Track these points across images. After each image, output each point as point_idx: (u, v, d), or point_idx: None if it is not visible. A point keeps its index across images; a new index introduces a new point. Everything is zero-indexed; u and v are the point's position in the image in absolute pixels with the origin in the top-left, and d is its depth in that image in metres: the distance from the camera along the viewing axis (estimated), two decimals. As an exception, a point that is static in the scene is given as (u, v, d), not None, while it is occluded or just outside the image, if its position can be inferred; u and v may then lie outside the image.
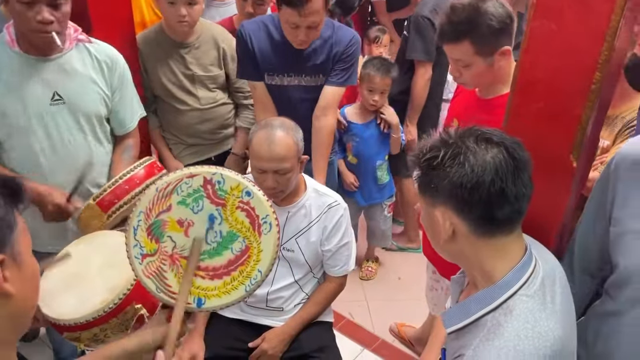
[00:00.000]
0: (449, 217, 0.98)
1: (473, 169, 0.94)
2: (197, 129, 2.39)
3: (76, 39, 1.71)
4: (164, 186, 1.08)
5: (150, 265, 1.10)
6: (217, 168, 1.10)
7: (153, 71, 2.28)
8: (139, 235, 1.09)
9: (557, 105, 1.11)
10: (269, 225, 1.10)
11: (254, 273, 1.11)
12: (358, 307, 2.80)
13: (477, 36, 1.43)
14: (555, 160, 1.13)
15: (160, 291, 1.11)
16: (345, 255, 1.93)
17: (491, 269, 1.00)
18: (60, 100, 1.67)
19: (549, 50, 1.09)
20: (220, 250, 1.10)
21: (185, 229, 1.09)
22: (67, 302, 1.29)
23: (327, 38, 2.15)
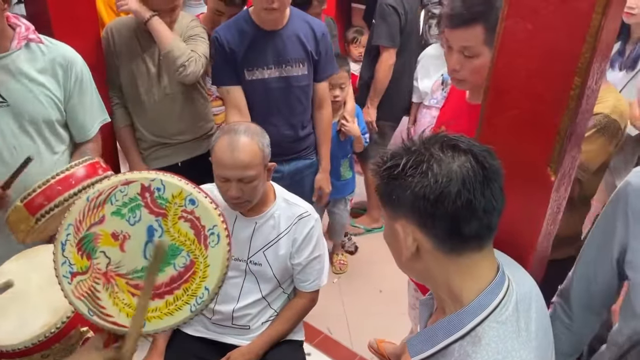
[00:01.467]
0: (412, 232, 0.88)
1: (437, 179, 0.83)
2: (166, 126, 2.28)
3: (26, 37, 1.59)
4: (96, 195, 0.97)
5: (81, 284, 0.99)
6: (156, 173, 0.98)
7: (124, 57, 2.19)
8: (67, 251, 0.98)
9: (534, 112, 1.01)
10: (216, 236, 0.98)
11: (200, 291, 0.99)
12: (337, 322, 2.69)
13: (491, 21, 1.27)
14: (531, 173, 1.04)
15: (93, 314, 1.00)
16: (316, 269, 1.83)
17: (460, 290, 0.90)
18: (4, 102, 1.56)
19: (525, 52, 0.99)
20: (161, 267, 0.99)
21: (120, 242, 0.98)
22: (4, 326, 1.17)
23: (303, 27, 2.17)
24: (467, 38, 1.34)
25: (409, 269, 0.96)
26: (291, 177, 2.33)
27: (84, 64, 1.73)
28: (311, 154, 2.43)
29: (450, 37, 1.37)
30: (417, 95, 3.11)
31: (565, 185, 1.12)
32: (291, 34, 2.16)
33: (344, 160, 2.87)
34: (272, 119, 2.18)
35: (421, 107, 3.12)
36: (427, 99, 3.03)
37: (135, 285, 0.99)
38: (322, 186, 2.47)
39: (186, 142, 2.36)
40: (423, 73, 3.01)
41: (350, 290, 2.94)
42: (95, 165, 1.50)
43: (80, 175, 1.45)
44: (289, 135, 2.27)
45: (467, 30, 1.33)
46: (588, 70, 0.94)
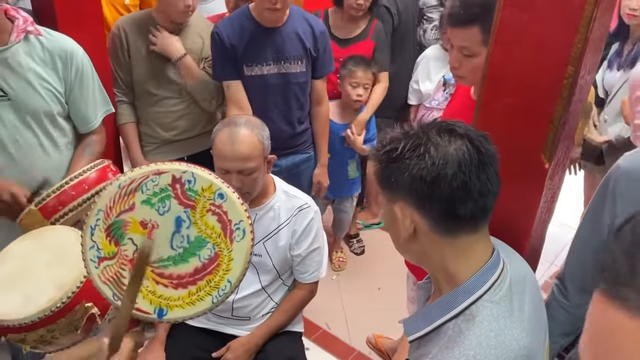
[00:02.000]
0: (410, 214, 0.91)
1: (434, 161, 0.87)
2: (175, 123, 2.30)
3: (24, 30, 1.59)
4: (127, 183, 0.98)
5: (107, 269, 1.00)
6: (188, 165, 1.00)
7: (137, 55, 2.21)
8: (96, 235, 0.99)
9: (528, 101, 1.04)
10: (242, 231, 1.01)
11: (223, 283, 1.02)
12: (335, 317, 2.71)
13: (488, 23, 1.32)
14: (526, 161, 1.06)
15: (117, 299, 1.01)
16: (316, 260, 1.85)
17: (455, 271, 0.93)
18: (5, 96, 1.56)
19: (520, 42, 1.02)
20: (186, 257, 1.01)
21: (148, 231, 1.00)
22: (11, 301, 1.19)
23: (302, 25, 2.20)
24: (465, 38, 1.38)
25: (406, 251, 0.99)
26: (288, 171, 2.35)
27: (85, 55, 1.72)
28: (308, 148, 2.46)
29: (450, 35, 1.42)
30: (417, 97, 3.10)
31: (559, 174, 1.15)
32: (290, 31, 2.19)
33: (352, 160, 2.88)
34: (270, 115, 2.20)
35: (421, 108, 3.13)
36: (427, 100, 3.05)
37: (160, 273, 1.00)
38: (320, 180, 2.50)
39: (192, 137, 2.38)
40: (424, 75, 3.01)
41: (349, 287, 2.96)
42: (105, 170, 1.54)
43: (93, 179, 1.49)
44: (286, 130, 2.30)
45: (465, 31, 1.37)
46: (580, 60, 0.97)
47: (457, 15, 1.35)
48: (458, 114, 1.59)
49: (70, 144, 1.76)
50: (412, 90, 3.09)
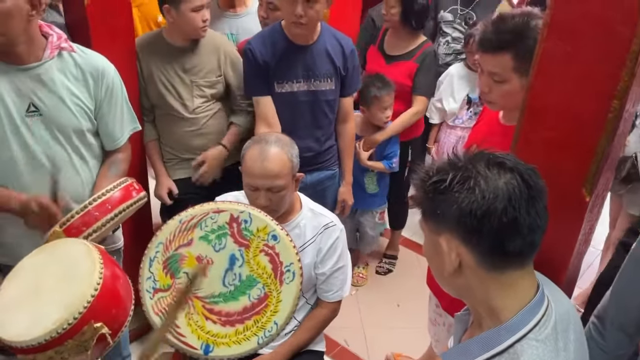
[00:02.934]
0: (456, 247, 0.90)
1: (484, 195, 0.85)
2: (191, 142, 2.33)
3: (58, 47, 1.61)
4: (188, 218, 1.02)
5: (161, 301, 1.03)
6: (245, 206, 1.03)
7: (150, 76, 2.24)
8: (154, 267, 1.02)
9: (570, 134, 1.02)
10: (292, 274, 1.04)
11: (270, 325, 1.04)
12: (354, 334, 2.69)
13: (521, 50, 1.32)
14: (566, 194, 1.05)
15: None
16: (340, 279, 1.84)
17: (499, 307, 0.91)
18: (36, 112, 1.57)
19: (563, 74, 1.01)
20: (236, 295, 1.04)
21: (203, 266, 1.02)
22: (19, 322, 1.17)
23: (332, 43, 2.22)
24: (496, 64, 1.37)
25: (449, 284, 0.97)
26: (313, 188, 2.35)
27: (116, 73, 1.74)
28: (333, 165, 2.45)
29: (480, 60, 1.41)
30: (440, 116, 3.08)
31: (598, 207, 1.13)
32: (321, 49, 2.20)
33: (368, 174, 2.87)
34: (297, 132, 2.20)
35: (444, 127, 3.11)
36: (451, 119, 3.03)
37: (210, 309, 1.02)
38: (345, 198, 2.49)
39: None
40: (447, 93, 2.99)
41: (368, 302, 2.94)
42: (129, 188, 1.52)
43: (116, 199, 1.47)
44: (313, 147, 2.30)
45: (496, 57, 1.37)
46: (627, 94, 0.96)
47: (489, 41, 1.35)
48: (486, 140, 1.58)
49: (97, 160, 1.77)
50: (434, 109, 3.06)
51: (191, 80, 2.25)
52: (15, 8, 1.45)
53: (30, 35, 1.54)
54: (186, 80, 2.24)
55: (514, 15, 1.38)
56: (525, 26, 1.34)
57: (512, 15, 1.38)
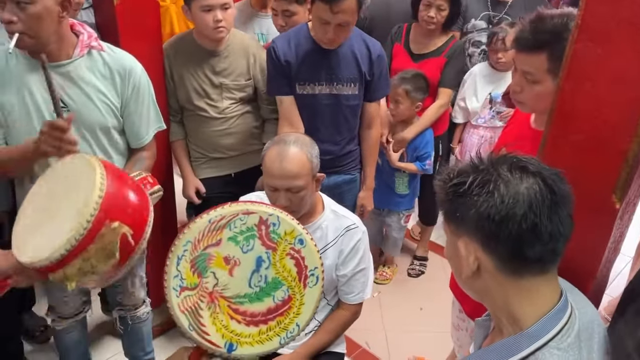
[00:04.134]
0: (474, 251, 0.88)
1: (503, 199, 0.84)
2: (219, 141, 2.35)
3: (88, 45, 1.65)
4: (218, 219, 1.03)
5: (187, 299, 1.04)
6: (274, 209, 1.04)
7: (180, 78, 2.25)
8: (182, 265, 1.03)
9: (600, 138, 0.99)
10: (315, 278, 1.06)
11: (292, 326, 1.06)
12: (375, 337, 2.67)
13: (557, 52, 1.26)
14: (595, 200, 1.01)
15: (192, 329, 1.04)
16: (361, 282, 1.83)
17: (520, 313, 0.89)
18: (65, 108, 1.61)
19: (593, 77, 0.97)
20: (261, 296, 1.05)
21: (230, 267, 1.04)
22: (39, 243, 1.15)
23: (359, 47, 2.19)
24: (530, 64, 1.34)
25: (468, 286, 0.96)
26: (330, 191, 2.32)
27: (143, 72, 1.77)
28: (353, 169, 2.43)
29: (515, 59, 1.38)
30: (463, 115, 3.05)
31: (630, 213, 1.09)
32: (347, 52, 2.17)
33: (400, 174, 2.84)
34: (317, 134, 2.19)
35: (468, 126, 3.07)
36: (474, 118, 2.98)
37: (235, 309, 1.03)
38: (364, 204, 2.47)
39: (238, 155, 2.41)
40: (470, 92, 2.96)
41: (391, 304, 2.92)
42: (143, 181, 1.52)
43: None
44: (332, 151, 2.29)
45: (531, 56, 1.33)
46: (660, 98, 0.92)
47: (526, 40, 1.31)
48: (516, 144, 1.54)
49: (122, 157, 1.81)
50: (458, 108, 3.03)
51: (221, 83, 2.26)
52: (46, 11, 1.48)
53: (60, 34, 1.58)
54: (216, 83, 2.26)
55: (552, 16, 1.34)
56: (563, 27, 1.30)
57: (551, 15, 1.34)
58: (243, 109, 2.34)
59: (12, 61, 1.59)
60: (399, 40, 2.87)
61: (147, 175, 1.60)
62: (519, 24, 1.40)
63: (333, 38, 2.03)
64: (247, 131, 2.39)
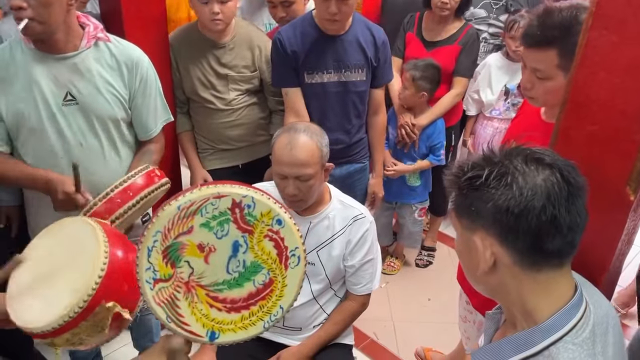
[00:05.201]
0: (490, 245, 0.86)
1: (522, 192, 0.82)
2: (227, 133, 2.33)
3: (95, 37, 1.64)
4: (187, 205, 0.96)
5: (162, 291, 0.99)
6: (247, 190, 0.99)
7: (186, 70, 2.24)
8: (153, 257, 0.98)
9: (615, 128, 0.97)
10: (297, 258, 1.00)
11: (275, 309, 1.01)
12: (383, 327, 2.67)
13: (567, 47, 1.23)
14: (608, 192, 0.99)
15: (170, 321, 1.01)
16: (369, 272, 1.82)
17: (534, 307, 0.88)
18: (73, 100, 1.60)
19: (608, 66, 0.95)
20: (241, 282, 1.00)
21: (205, 254, 0.98)
22: (32, 308, 1.16)
23: (364, 33, 2.17)
24: (540, 60, 1.30)
25: (482, 283, 0.94)
26: (342, 181, 2.32)
27: (150, 64, 1.76)
28: (363, 158, 2.42)
29: (524, 55, 1.34)
30: (476, 107, 3.00)
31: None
32: (352, 39, 2.16)
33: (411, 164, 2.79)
34: (327, 123, 2.18)
35: (481, 118, 3.03)
36: (488, 110, 2.94)
37: (214, 297, 1.00)
38: (375, 191, 2.46)
39: (246, 147, 2.40)
40: (485, 84, 2.90)
41: (399, 295, 2.91)
42: (150, 174, 1.52)
43: (138, 185, 1.47)
44: (342, 139, 2.28)
45: (540, 53, 1.30)
46: (677, 87, 0.90)
47: (534, 36, 1.28)
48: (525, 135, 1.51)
49: (130, 150, 1.80)
50: (470, 100, 2.98)
51: (227, 74, 2.24)
52: None
53: (68, 24, 1.57)
54: (222, 74, 2.24)
55: (561, 9, 1.29)
56: (573, 21, 1.25)
57: (560, 8, 1.29)
58: (250, 100, 2.33)
59: (18, 54, 1.58)
60: (411, 29, 2.83)
61: (154, 168, 1.59)
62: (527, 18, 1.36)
63: (335, 12, 2.00)
64: (254, 122, 2.37)
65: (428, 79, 2.60)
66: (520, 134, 1.55)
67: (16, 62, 1.57)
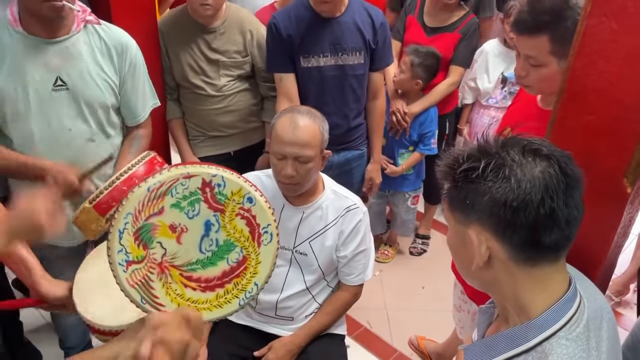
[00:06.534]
0: (486, 240, 0.84)
1: (520, 184, 0.79)
2: (218, 120, 2.29)
3: (84, 20, 1.60)
4: (157, 186, 0.95)
5: (135, 273, 0.99)
6: (217, 169, 0.98)
7: (175, 56, 2.19)
8: (124, 239, 0.97)
9: (612, 119, 0.94)
10: (269, 235, 1.00)
11: (250, 286, 1.02)
12: (377, 316, 2.66)
13: (559, 32, 1.23)
14: (605, 184, 0.97)
15: (145, 302, 1.01)
16: (361, 263, 1.80)
17: (528, 303, 0.86)
18: (63, 86, 1.57)
19: (607, 55, 0.92)
20: (214, 261, 1.00)
21: (177, 235, 0.98)
22: (103, 305, 1.23)
23: (361, 15, 2.14)
24: (532, 47, 1.29)
25: (475, 278, 0.92)
26: (340, 167, 2.30)
27: (138, 49, 1.73)
28: (361, 144, 2.39)
29: (516, 43, 1.32)
30: (473, 95, 2.96)
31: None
32: (349, 21, 2.12)
33: (403, 152, 2.77)
34: (325, 108, 2.14)
35: (477, 106, 2.99)
36: (485, 98, 2.90)
37: (188, 277, 1.00)
38: (372, 177, 2.43)
39: (237, 133, 2.36)
40: (482, 71, 2.86)
41: (392, 284, 2.90)
42: (153, 161, 1.53)
43: (141, 173, 1.48)
44: (341, 124, 2.24)
45: (532, 39, 1.27)
46: (678, 76, 0.87)
47: (525, 23, 1.25)
48: (521, 123, 1.49)
49: (119, 136, 1.78)
50: (467, 88, 2.94)
51: (218, 60, 2.20)
52: None
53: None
54: (212, 60, 2.20)
55: None
56: (564, 5, 1.23)
57: None
58: (241, 86, 2.29)
59: (5, 37, 1.53)
60: (412, 12, 2.77)
61: (154, 154, 1.58)
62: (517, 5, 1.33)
63: None
64: (246, 109, 2.33)
65: (426, 67, 2.57)
66: (516, 121, 1.53)
67: (3, 45, 1.53)
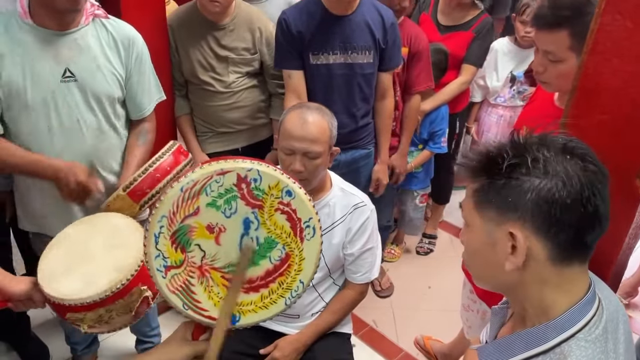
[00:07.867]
0: (526, 239, 0.81)
1: (571, 181, 0.78)
2: (226, 116, 2.29)
3: (92, 14, 1.62)
4: (190, 185, 0.90)
5: (175, 278, 0.94)
6: (252, 162, 0.93)
7: (185, 52, 2.19)
8: (161, 244, 0.92)
9: (626, 118, 0.93)
10: (312, 229, 0.94)
11: (295, 284, 0.96)
12: (382, 315, 2.65)
13: (579, 28, 1.21)
14: (617, 184, 0.95)
15: (187, 308, 0.96)
16: (368, 261, 1.80)
17: (551, 303, 0.84)
18: (72, 77, 1.58)
19: (621, 53, 0.91)
20: (256, 260, 0.95)
21: (216, 235, 0.93)
22: (71, 283, 1.25)
23: (372, 14, 2.14)
24: (551, 42, 1.27)
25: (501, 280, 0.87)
26: (347, 166, 2.29)
27: (144, 43, 1.74)
28: (369, 144, 2.38)
29: (535, 38, 1.31)
30: (481, 94, 2.95)
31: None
32: (360, 20, 2.11)
33: (412, 150, 2.74)
34: (332, 106, 2.13)
35: (485, 104, 2.98)
36: (493, 97, 2.89)
37: (230, 279, 0.96)
38: (379, 177, 2.42)
39: (245, 130, 2.36)
40: (491, 69, 2.84)
41: (399, 283, 2.89)
42: (180, 150, 1.60)
43: (171, 162, 1.55)
44: (348, 123, 2.23)
45: (552, 34, 1.26)
46: (693, 75, 0.86)
47: (544, 17, 1.24)
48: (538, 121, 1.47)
49: (124, 129, 1.79)
50: (476, 86, 2.92)
51: (227, 56, 2.20)
52: None
53: None
54: (222, 56, 2.19)
55: None
56: (584, 1, 1.22)
57: None
58: (249, 83, 2.28)
59: (14, 28, 1.54)
60: (426, 9, 2.76)
61: (179, 144, 1.64)
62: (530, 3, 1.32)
63: None
64: (254, 105, 2.33)
65: (434, 64, 2.55)
66: (532, 120, 1.51)
67: (12, 37, 1.53)
